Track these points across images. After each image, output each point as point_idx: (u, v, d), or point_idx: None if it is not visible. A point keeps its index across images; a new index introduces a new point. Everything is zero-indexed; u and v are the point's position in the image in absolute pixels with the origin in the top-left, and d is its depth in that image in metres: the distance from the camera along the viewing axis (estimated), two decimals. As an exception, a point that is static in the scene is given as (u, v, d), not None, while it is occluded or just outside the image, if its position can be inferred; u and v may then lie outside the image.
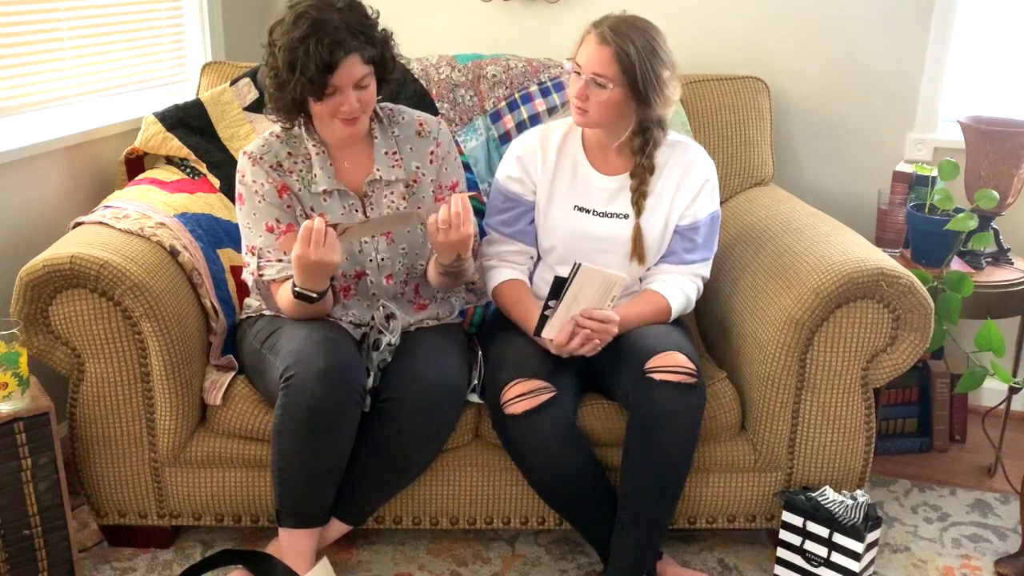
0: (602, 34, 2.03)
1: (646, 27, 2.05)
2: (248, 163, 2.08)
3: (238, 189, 2.10)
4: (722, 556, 2.28)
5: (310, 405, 1.88)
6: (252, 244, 2.09)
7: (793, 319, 2.05)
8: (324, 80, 1.93)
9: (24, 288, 1.97)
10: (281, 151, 2.09)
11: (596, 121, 2.09)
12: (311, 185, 2.09)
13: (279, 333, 2.05)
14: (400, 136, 2.15)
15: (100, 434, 2.09)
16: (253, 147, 2.10)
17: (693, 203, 2.17)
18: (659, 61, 2.03)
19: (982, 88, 2.90)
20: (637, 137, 2.12)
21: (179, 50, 2.97)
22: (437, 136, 2.17)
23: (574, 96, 2.07)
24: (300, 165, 2.10)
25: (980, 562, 2.28)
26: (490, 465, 2.16)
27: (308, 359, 1.90)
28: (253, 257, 2.09)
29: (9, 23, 2.33)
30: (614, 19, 2.06)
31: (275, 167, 2.08)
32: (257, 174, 2.07)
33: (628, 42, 2.01)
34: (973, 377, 2.47)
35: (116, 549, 2.24)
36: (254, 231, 2.08)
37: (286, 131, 2.11)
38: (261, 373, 2.06)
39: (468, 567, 2.22)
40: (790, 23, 2.91)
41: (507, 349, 2.11)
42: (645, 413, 1.99)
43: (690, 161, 2.18)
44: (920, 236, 2.64)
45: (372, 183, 2.11)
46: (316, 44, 1.90)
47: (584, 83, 2.04)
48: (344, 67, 1.93)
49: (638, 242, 2.16)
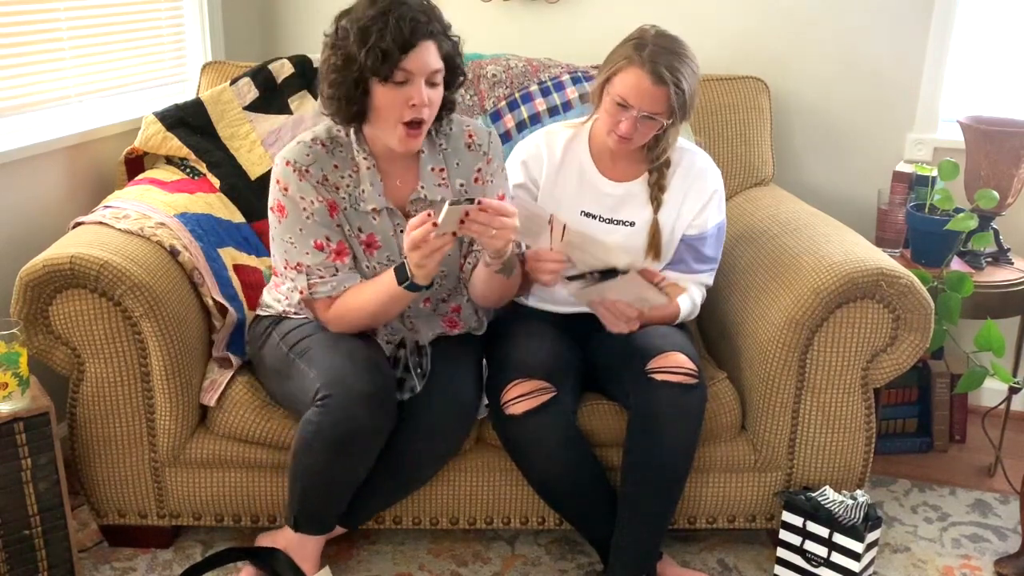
0: (657, 73, 1.94)
1: (686, 52, 2.00)
2: (293, 176, 1.91)
3: (278, 199, 1.93)
4: (722, 556, 2.28)
5: (348, 426, 1.84)
6: (299, 261, 1.95)
7: (793, 319, 2.05)
8: (398, 58, 1.78)
9: (24, 288, 1.97)
10: (327, 162, 1.94)
11: (637, 145, 2.08)
12: (359, 203, 1.96)
13: (314, 341, 1.98)
14: (447, 150, 2.01)
15: (100, 434, 2.09)
16: (295, 155, 1.93)
17: (701, 213, 2.17)
18: (697, 79, 2.03)
19: (982, 88, 2.90)
20: (652, 142, 2.11)
21: (179, 50, 2.97)
22: (488, 151, 2.03)
23: (623, 132, 2.00)
24: (347, 180, 1.95)
25: (980, 562, 2.28)
26: (490, 465, 2.16)
27: (351, 381, 1.85)
28: (300, 275, 1.95)
29: (9, 23, 2.33)
30: (660, 51, 1.97)
31: (322, 182, 1.92)
32: (305, 190, 1.91)
33: (681, 78, 1.97)
34: (973, 377, 2.47)
35: (116, 549, 2.24)
36: (299, 248, 1.94)
37: (331, 139, 1.96)
38: (286, 378, 2.00)
39: (468, 567, 2.22)
40: (790, 23, 2.91)
41: (508, 349, 2.11)
42: (646, 413, 1.99)
43: (699, 170, 2.18)
44: (920, 236, 2.64)
45: (416, 201, 1.98)
46: (397, 20, 1.78)
47: (635, 120, 1.99)
48: (421, 50, 1.80)
49: (656, 237, 2.15)
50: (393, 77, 1.81)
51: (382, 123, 1.88)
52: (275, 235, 1.98)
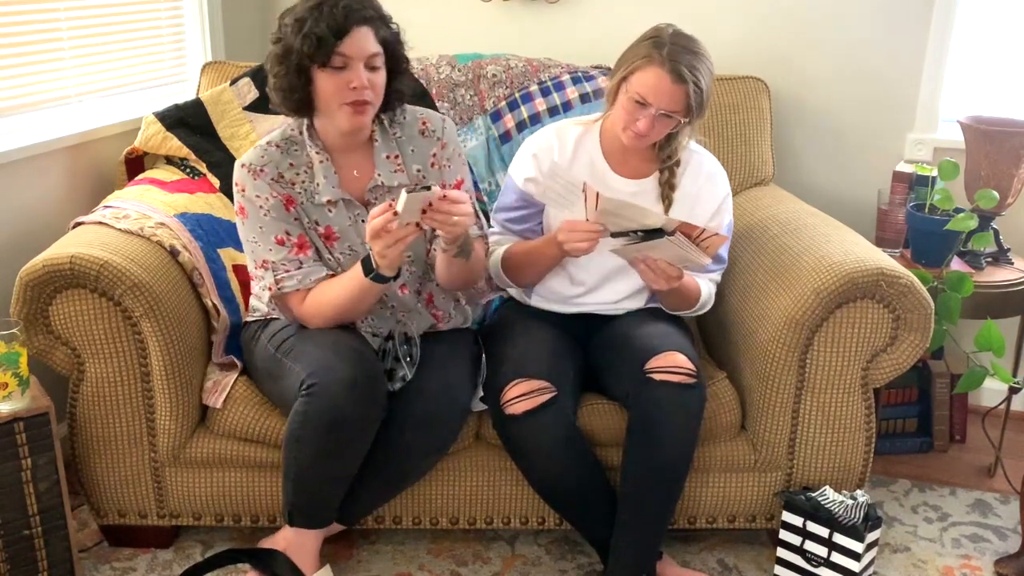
0: (677, 71, 1.96)
1: (703, 51, 2.02)
2: (248, 176, 1.98)
3: (238, 202, 2.01)
4: (722, 556, 2.28)
5: (334, 414, 1.86)
6: (263, 259, 2.00)
7: (793, 319, 2.05)
8: (333, 43, 1.85)
9: (24, 288, 1.97)
10: (282, 161, 2.00)
11: (652, 141, 2.08)
12: (314, 196, 2.01)
13: (299, 339, 2.00)
14: (401, 137, 2.07)
15: (100, 434, 2.09)
16: (251, 158, 2.00)
17: (715, 217, 2.17)
18: (712, 78, 2.04)
19: (982, 88, 2.90)
20: (663, 141, 2.11)
21: (179, 50, 2.97)
22: (441, 136, 2.09)
23: (640, 130, 2.01)
24: (302, 176, 2.01)
25: (980, 562, 2.28)
26: (490, 465, 2.16)
27: (334, 368, 1.87)
28: (267, 272, 2.01)
29: (9, 23, 2.33)
30: (679, 50, 1.98)
31: (277, 179, 1.99)
32: (260, 188, 1.98)
33: (700, 77, 1.98)
34: (973, 377, 2.47)
35: (116, 549, 2.24)
36: (263, 246, 2.00)
37: (286, 140, 2.02)
38: (277, 378, 2.02)
39: (468, 567, 2.22)
40: (790, 23, 2.91)
41: (508, 349, 2.11)
42: (645, 413, 1.99)
43: (709, 173, 2.19)
44: (920, 236, 2.64)
45: (375, 189, 2.04)
46: (331, 7, 1.85)
47: (654, 118, 2.00)
48: (356, 35, 1.87)
49: None
50: (331, 62, 1.88)
51: (327, 109, 1.94)
52: (242, 237, 2.05)
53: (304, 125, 2.03)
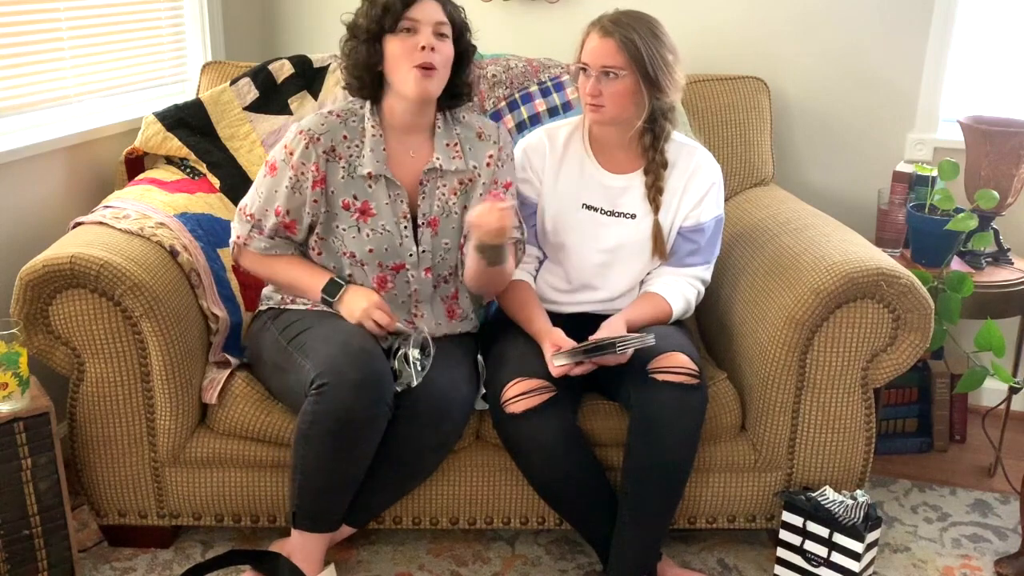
0: (604, 27, 2.05)
1: (643, 16, 2.08)
2: (301, 143, 2.03)
3: (275, 160, 2.05)
4: (722, 556, 2.28)
5: (342, 416, 1.87)
6: (255, 213, 2.08)
7: (793, 319, 2.05)
8: (401, 9, 1.95)
9: (24, 288, 1.97)
10: (339, 132, 2.05)
11: (612, 115, 2.08)
12: (356, 168, 2.05)
13: (309, 333, 2.02)
14: (461, 135, 2.14)
15: (100, 434, 2.09)
16: (311, 123, 2.05)
17: (698, 206, 2.18)
18: (663, 45, 2.06)
19: (982, 88, 2.90)
20: (647, 133, 2.12)
21: (179, 50, 2.97)
22: (498, 140, 2.16)
23: (587, 94, 2.07)
24: (353, 150, 2.06)
25: (980, 562, 2.28)
26: (490, 465, 2.16)
27: (343, 369, 1.88)
28: (246, 224, 2.09)
29: (9, 23, 2.33)
30: (610, 14, 2.08)
31: (328, 152, 2.04)
32: (307, 156, 2.02)
33: (631, 30, 2.03)
34: (973, 377, 2.47)
35: (116, 549, 2.24)
36: (263, 204, 2.06)
37: (346, 110, 2.08)
38: (284, 371, 2.03)
39: (468, 567, 2.22)
40: (790, 23, 2.92)
41: (508, 348, 2.11)
42: (647, 414, 1.98)
43: (697, 164, 2.19)
44: (920, 236, 2.64)
45: (430, 171, 2.08)
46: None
47: (595, 78, 2.05)
48: (424, 3, 1.97)
49: (659, 239, 2.17)
50: (400, 26, 1.97)
51: (397, 74, 2.00)
52: (255, 182, 2.11)
53: (370, 103, 2.09)
